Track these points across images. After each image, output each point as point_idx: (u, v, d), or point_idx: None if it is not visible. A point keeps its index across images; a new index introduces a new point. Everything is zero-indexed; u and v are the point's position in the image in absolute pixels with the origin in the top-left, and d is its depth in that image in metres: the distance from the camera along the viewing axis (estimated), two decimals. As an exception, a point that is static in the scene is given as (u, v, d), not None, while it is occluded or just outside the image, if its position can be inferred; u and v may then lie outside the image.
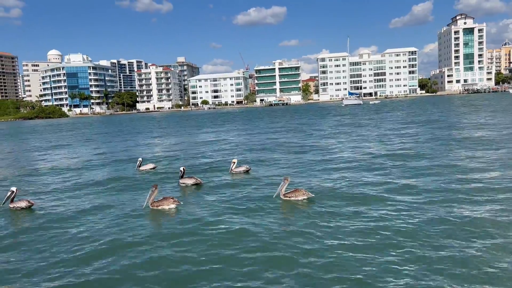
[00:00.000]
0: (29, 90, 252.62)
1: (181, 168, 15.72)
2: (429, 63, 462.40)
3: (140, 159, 19.92)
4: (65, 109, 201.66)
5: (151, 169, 19.21)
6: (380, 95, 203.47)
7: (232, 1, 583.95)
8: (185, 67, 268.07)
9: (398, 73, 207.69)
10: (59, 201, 14.24)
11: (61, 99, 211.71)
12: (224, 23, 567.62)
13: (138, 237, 9.75)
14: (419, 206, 11.10)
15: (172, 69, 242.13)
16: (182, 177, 15.48)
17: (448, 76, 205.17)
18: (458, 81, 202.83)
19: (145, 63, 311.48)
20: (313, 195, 12.19)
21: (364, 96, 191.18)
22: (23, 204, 13.12)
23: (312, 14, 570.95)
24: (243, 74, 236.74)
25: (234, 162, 17.29)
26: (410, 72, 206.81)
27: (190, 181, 15.25)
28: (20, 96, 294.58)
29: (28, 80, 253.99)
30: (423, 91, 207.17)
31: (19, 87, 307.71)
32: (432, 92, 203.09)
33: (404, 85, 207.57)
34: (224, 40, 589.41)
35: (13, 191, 13.19)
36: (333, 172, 16.53)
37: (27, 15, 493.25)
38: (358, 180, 14.76)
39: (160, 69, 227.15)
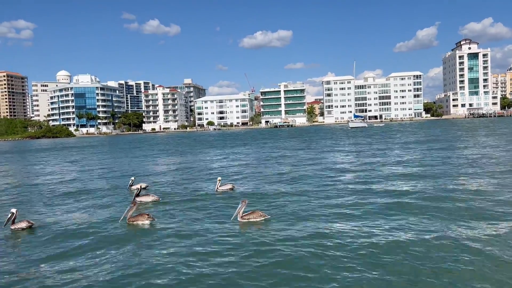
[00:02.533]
0: (38, 110, 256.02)
1: (138, 186, 16.82)
2: (434, 87, 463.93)
3: (133, 178, 20.19)
4: (72, 128, 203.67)
5: (143, 188, 19.38)
6: (385, 118, 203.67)
7: (239, 24, 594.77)
8: (191, 89, 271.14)
9: (403, 97, 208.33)
10: (57, 218, 14.54)
11: (68, 119, 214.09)
12: (230, 46, 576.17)
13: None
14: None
15: (179, 90, 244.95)
16: (138, 195, 16.22)
17: (453, 100, 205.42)
18: (463, 105, 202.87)
19: (152, 84, 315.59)
20: (269, 216, 12.65)
21: (369, 119, 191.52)
22: (23, 224, 13.28)
23: (317, 37, 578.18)
24: (249, 96, 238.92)
25: (219, 180, 17.95)
26: (415, 96, 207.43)
27: (147, 199, 16.05)
28: (28, 115, 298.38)
29: (37, 100, 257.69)
30: (428, 115, 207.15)
31: (28, 106, 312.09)
32: (437, 115, 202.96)
33: (409, 109, 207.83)
34: (230, 62, 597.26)
35: (13, 213, 13.33)
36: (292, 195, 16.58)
37: (38, 36, 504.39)
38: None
39: (167, 90, 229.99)
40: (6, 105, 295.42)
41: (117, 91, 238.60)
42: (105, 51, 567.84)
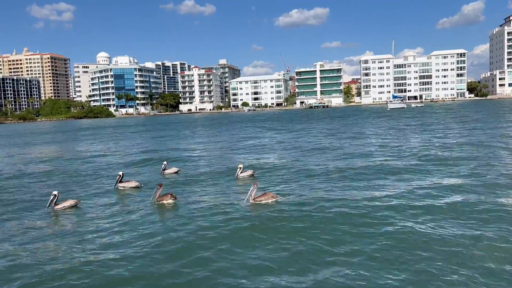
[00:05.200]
0: (79, 91, 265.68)
1: (120, 173, 17.19)
2: (479, 65, 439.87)
3: (165, 162, 20.71)
4: (111, 109, 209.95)
5: (175, 172, 20.05)
6: (425, 99, 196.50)
7: (274, 3, 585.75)
8: (226, 69, 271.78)
9: (445, 76, 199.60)
10: (100, 198, 15.37)
11: (108, 100, 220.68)
12: (265, 25, 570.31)
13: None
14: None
15: (214, 71, 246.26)
16: (120, 181, 16.78)
17: (500, 79, 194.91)
18: (510, 85, 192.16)
19: (188, 65, 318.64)
20: (281, 197, 12.91)
21: (408, 99, 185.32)
22: (68, 203, 14.03)
23: (355, 15, 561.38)
24: (284, 76, 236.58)
25: (240, 168, 17.87)
26: (458, 75, 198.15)
27: (130, 185, 16.75)
28: (71, 96, 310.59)
29: (79, 81, 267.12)
30: (472, 95, 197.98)
31: (71, 87, 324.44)
32: (482, 95, 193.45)
33: (451, 89, 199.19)
34: (265, 42, 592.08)
35: (55, 195, 13.96)
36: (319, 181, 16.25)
37: (78, 19, 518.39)
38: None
39: (203, 71, 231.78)
40: (51, 86, 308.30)
41: (154, 72, 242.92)
42: (142, 32, 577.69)
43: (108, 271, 8.60)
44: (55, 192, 14.09)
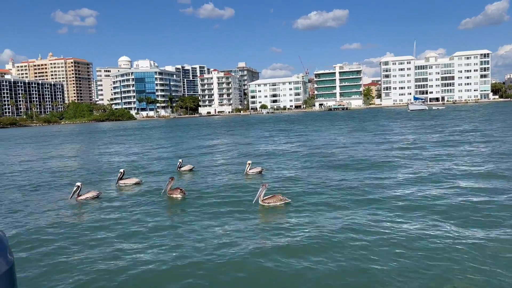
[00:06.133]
0: (102, 94, 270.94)
1: (121, 170, 17.34)
2: (504, 66, 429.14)
3: (180, 160, 21.25)
4: (132, 112, 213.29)
5: (189, 170, 20.59)
6: (447, 100, 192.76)
7: (293, 5, 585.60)
8: (245, 72, 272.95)
9: (468, 77, 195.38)
10: (120, 191, 15.87)
11: (129, 103, 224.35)
12: (284, 28, 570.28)
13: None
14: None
15: (233, 74, 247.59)
16: (121, 178, 17.00)
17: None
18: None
19: (208, 68, 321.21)
20: (290, 200, 12.77)
21: (429, 101, 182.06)
22: (90, 194, 14.66)
23: (375, 16, 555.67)
24: (303, 78, 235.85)
25: (249, 164, 18.09)
26: (481, 76, 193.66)
27: (131, 181, 16.97)
28: (93, 99, 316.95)
29: (101, 85, 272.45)
30: (496, 96, 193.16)
31: (93, 91, 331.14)
32: (507, 97, 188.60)
33: (474, 90, 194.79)
34: (284, 44, 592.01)
35: (78, 186, 14.55)
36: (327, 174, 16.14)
37: (100, 24, 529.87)
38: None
39: (222, 74, 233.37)
40: (74, 90, 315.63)
41: (174, 76, 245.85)
42: (162, 36, 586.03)
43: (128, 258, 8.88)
44: (78, 184, 14.68)
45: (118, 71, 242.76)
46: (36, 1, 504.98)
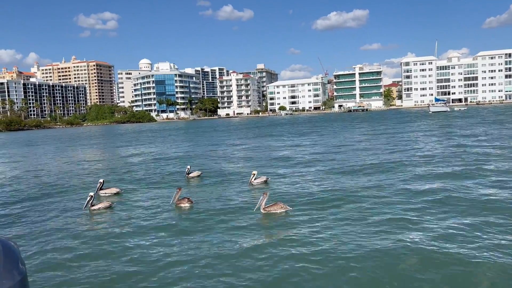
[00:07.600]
0: (123, 96, 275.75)
1: (100, 180, 17.09)
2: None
3: (189, 166, 21.18)
4: (153, 114, 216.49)
5: (197, 176, 20.51)
6: (470, 101, 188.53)
7: (312, 6, 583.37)
8: (264, 74, 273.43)
9: (492, 78, 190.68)
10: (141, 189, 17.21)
11: (150, 105, 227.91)
12: (303, 29, 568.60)
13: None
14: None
15: (252, 75, 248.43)
16: (101, 188, 16.74)
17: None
18: None
19: (227, 70, 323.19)
20: (291, 208, 12.83)
21: (452, 102, 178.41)
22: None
23: (396, 16, 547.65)
24: (322, 80, 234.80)
25: (254, 174, 17.85)
26: (506, 76, 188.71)
27: (111, 191, 16.65)
28: (115, 101, 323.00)
29: (122, 87, 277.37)
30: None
31: (114, 93, 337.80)
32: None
33: (499, 90, 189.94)
34: (303, 45, 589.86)
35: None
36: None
37: (122, 27, 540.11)
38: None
39: (241, 76, 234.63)
40: (96, 92, 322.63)
41: (193, 78, 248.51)
42: (182, 39, 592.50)
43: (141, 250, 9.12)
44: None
45: (139, 73, 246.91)
46: (59, 6, 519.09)
